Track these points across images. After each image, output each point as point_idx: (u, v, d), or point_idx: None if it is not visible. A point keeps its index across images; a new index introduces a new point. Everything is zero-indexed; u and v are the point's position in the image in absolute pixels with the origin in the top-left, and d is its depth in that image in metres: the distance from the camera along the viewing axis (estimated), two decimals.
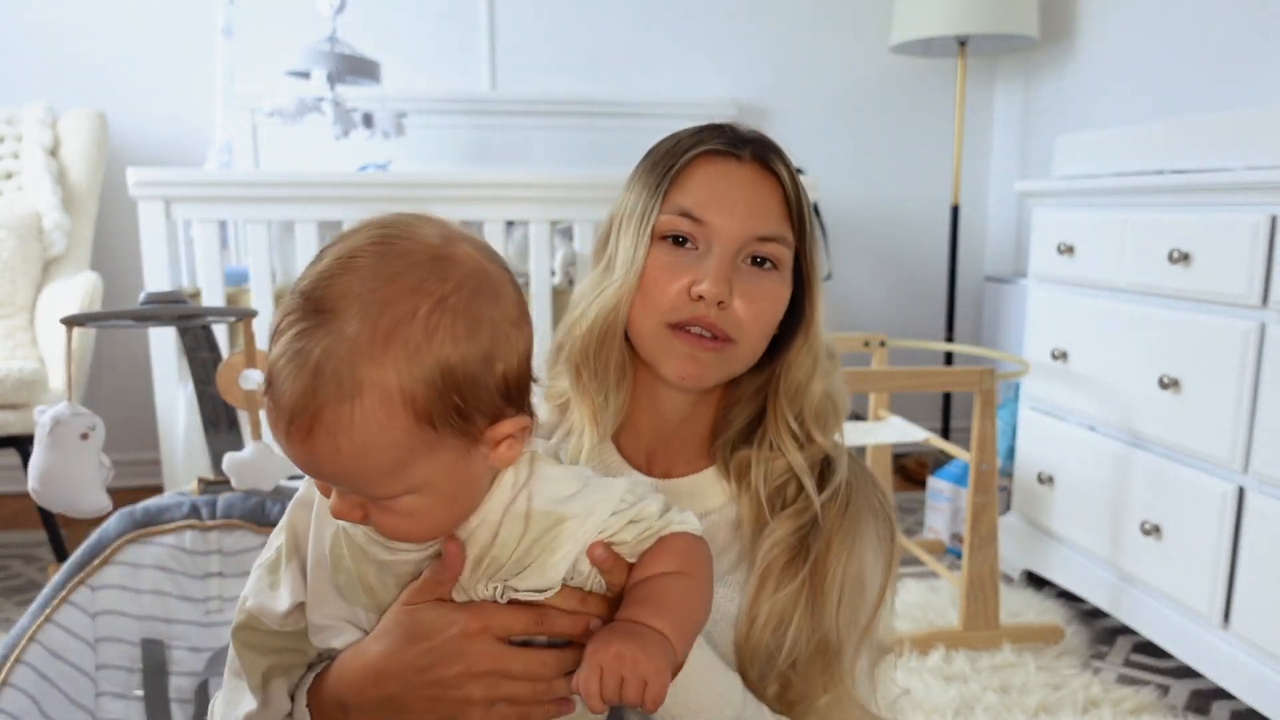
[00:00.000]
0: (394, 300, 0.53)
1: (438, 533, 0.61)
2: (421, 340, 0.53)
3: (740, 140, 0.78)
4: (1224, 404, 1.57)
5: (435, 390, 0.54)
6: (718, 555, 0.78)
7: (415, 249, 0.56)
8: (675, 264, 0.75)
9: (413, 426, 0.54)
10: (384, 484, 0.56)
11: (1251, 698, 1.53)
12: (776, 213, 0.77)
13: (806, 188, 0.80)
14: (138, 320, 1.06)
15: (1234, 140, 1.63)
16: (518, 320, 0.59)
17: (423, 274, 0.55)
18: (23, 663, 0.95)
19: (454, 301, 0.55)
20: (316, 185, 2.21)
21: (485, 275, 0.58)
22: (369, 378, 0.52)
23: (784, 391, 0.79)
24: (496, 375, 0.57)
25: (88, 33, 2.81)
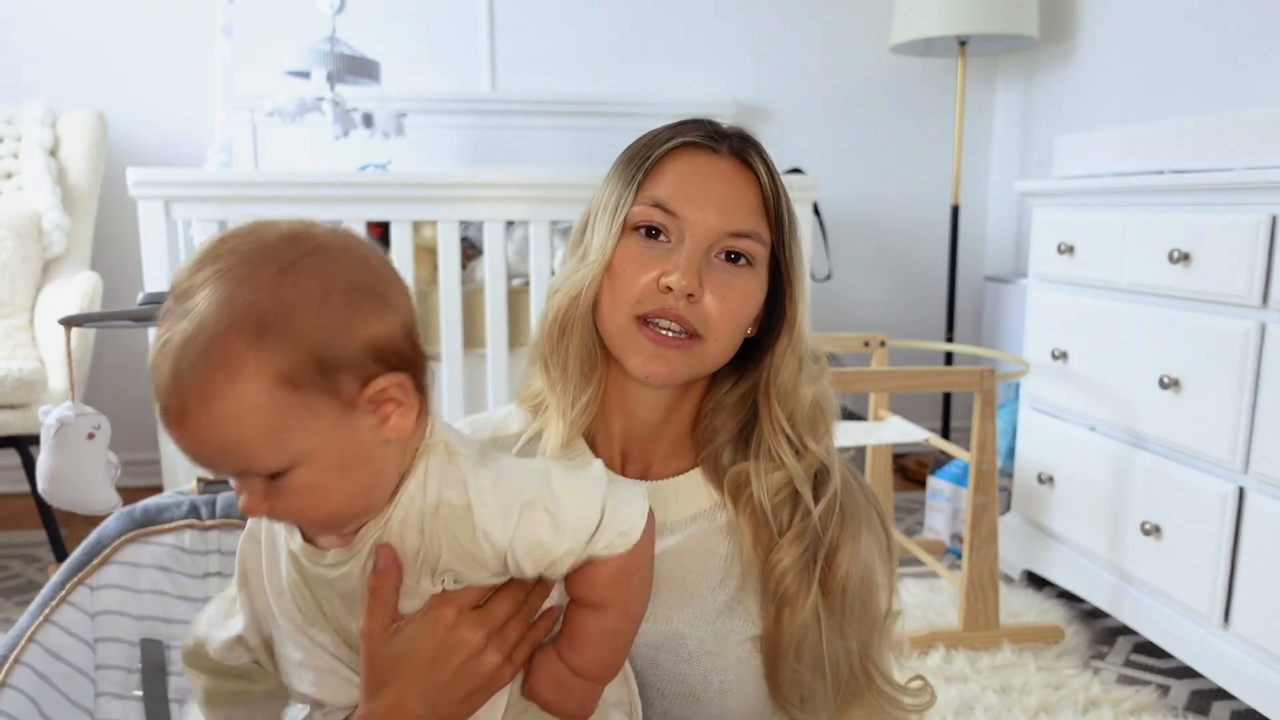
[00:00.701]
0: (245, 272, 0.54)
1: (345, 512, 0.61)
2: (266, 304, 0.54)
3: (719, 134, 0.77)
4: (1224, 404, 1.57)
5: (289, 353, 0.54)
6: (719, 567, 0.77)
7: (269, 232, 0.57)
8: (645, 256, 0.73)
9: (273, 390, 0.54)
10: (266, 456, 0.56)
11: (1251, 698, 1.53)
12: (752, 208, 0.75)
13: (807, 187, 0.80)
14: (136, 321, 1.06)
15: (1234, 140, 1.63)
16: (383, 291, 0.59)
17: (275, 247, 0.56)
18: (22, 663, 0.95)
19: (306, 263, 0.56)
20: (316, 185, 2.21)
21: (342, 246, 0.58)
22: (219, 347, 0.53)
23: (775, 397, 0.77)
24: (359, 338, 0.57)
25: (88, 33, 2.81)
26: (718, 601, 0.76)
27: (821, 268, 3.01)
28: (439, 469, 0.63)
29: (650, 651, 0.75)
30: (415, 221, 2.30)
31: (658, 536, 0.76)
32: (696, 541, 0.77)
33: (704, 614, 0.76)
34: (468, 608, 0.64)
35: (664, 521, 0.78)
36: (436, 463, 0.63)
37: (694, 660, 0.75)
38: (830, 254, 3.07)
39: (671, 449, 0.81)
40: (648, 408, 0.79)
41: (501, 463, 0.66)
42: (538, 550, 0.64)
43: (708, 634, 0.75)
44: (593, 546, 0.64)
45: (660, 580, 0.76)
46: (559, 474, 0.66)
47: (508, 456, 0.68)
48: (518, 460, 0.67)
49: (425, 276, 2.40)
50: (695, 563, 0.77)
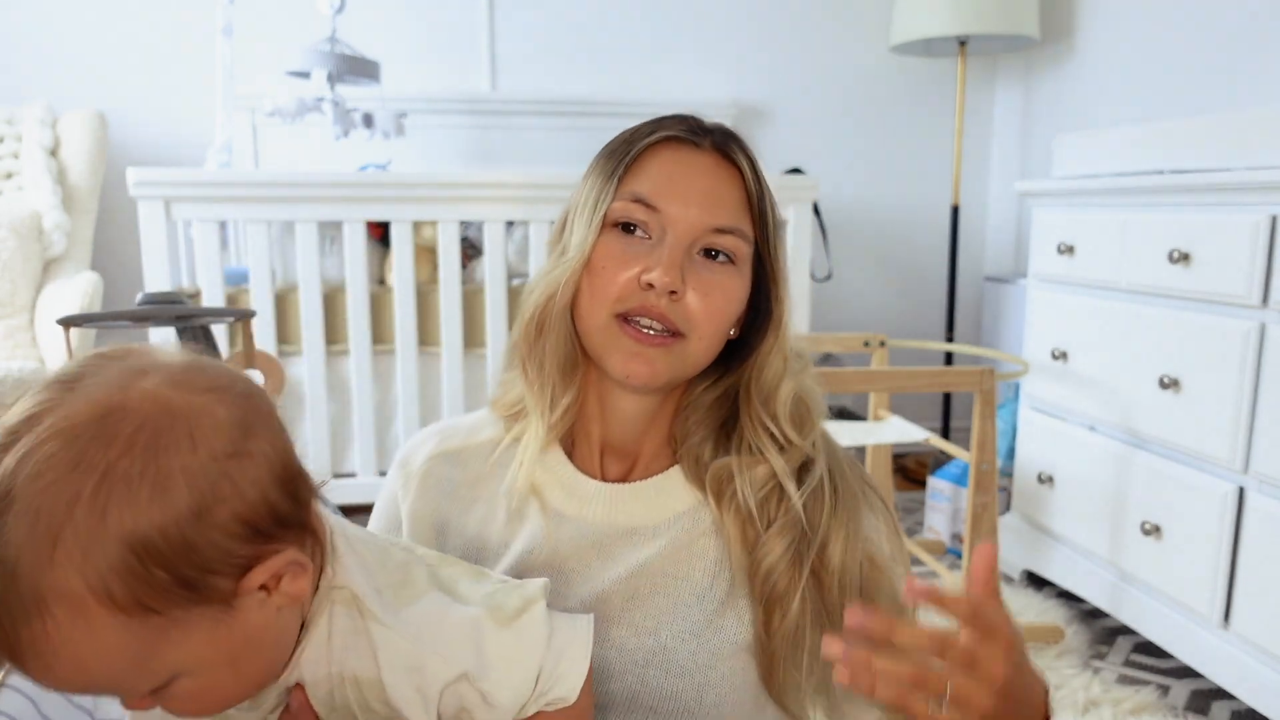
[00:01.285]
0: (53, 488, 0.45)
1: (246, 695, 0.55)
2: (94, 526, 0.45)
3: (701, 129, 0.75)
4: (1224, 404, 1.57)
5: (134, 575, 0.45)
6: (706, 572, 0.73)
7: (76, 412, 0.47)
8: (625, 252, 0.71)
9: (126, 622, 0.46)
10: (134, 682, 0.49)
11: (1251, 698, 1.53)
12: (735, 204, 0.73)
13: (807, 187, 0.79)
14: (135, 321, 1.06)
15: (1234, 140, 1.63)
16: (238, 447, 0.49)
17: (83, 444, 0.46)
18: None
19: (125, 466, 0.46)
20: (316, 185, 2.21)
21: (170, 415, 0.48)
22: (47, 586, 0.44)
23: (756, 394, 0.75)
24: (221, 524, 0.48)
25: (88, 33, 2.81)
26: (707, 609, 0.72)
27: (821, 268, 3.01)
28: (343, 627, 0.56)
29: (638, 670, 0.71)
30: (415, 221, 2.30)
31: (641, 542, 0.74)
32: (680, 545, 0.74)
33: (693, 625, 0.72)
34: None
35: (646, 525, 0.75)
36: (340, 619, 0.56)
37: (686, 674, 0.71)
38: (830, 254, 3.07)
39: (655, 453, 0.78)
40: (628, 413, 0.77)
41: (421, 608, 0.58)
42: (465, 716, 0.59)
43: (698, 646, 0.71)
44: (525, 712, 0.59)
45: (645, 592, 0.73)
46: (493, 633, 0.58)
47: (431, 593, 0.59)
48: (444, 605, 0.59)
49: (425, 276, 2.40)
50: (680, 568, 0.74)
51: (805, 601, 0.70)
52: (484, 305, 2.31)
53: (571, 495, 0.76)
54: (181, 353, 0.53)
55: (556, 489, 0.76)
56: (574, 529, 0.75)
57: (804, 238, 2.37)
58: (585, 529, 0.75)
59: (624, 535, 0.75)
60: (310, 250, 2.22)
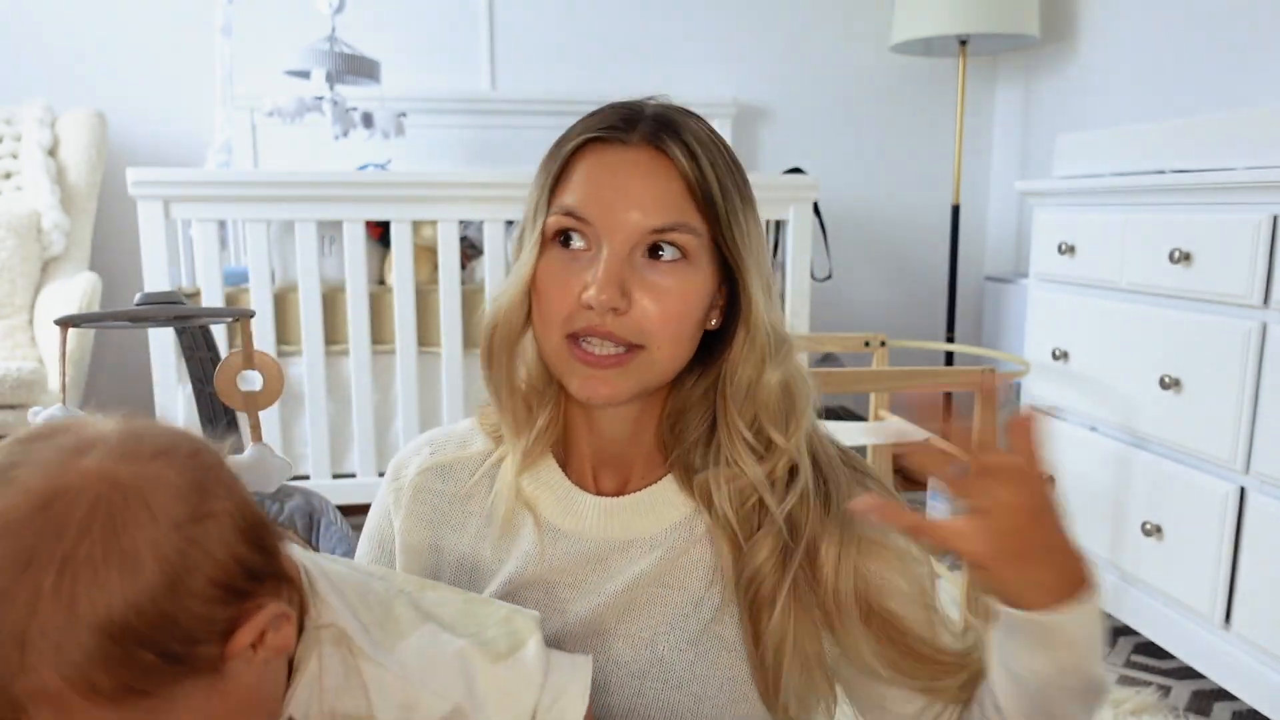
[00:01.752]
0: (9, 592, 0.42)
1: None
2: (61, 620, 0.42)
3: (630, 122, 0.69)
4: (1225, 404, 1.57)
5: (116, 661, 0.43)
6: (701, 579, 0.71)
7: (14, 506, 0.44)
8: (566, 269, 0.67)
9: (115, 711, 0.44)
10: None
11: (1252, 698, 1.53)
12: (674, 199, 0.66)
13: (807, 187, 0.75)
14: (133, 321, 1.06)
15: (1234, 140, 1.63)
16: (199, 509, 0.47)
17: (30, 538, 0.43)
18: None
19: (84, 551, 0.43)
20: (316, 185, 2.20)
21: (120, 489, 0.45)
22: (23, 691, 0.42)
23: (732, 398, 0.70)
24: (197, 592, 0.46)
25: (87, 33, 2.81)
26: (703, 618, 0.70)
27: (821, 268, 3.01)
28: (334, 666, 0.54)
29: (635, 682, 0.70)
30: (415, 221, 2.30)
31: (638, 554, 0.72)
32: (676, 554, 0.72)
33: (689, 634, 0.70)
34: None
35: (642, 537, 0.73)
36: (330, 658, 0.54)
37: (683, 685, 0.69)
38: (830, 254, 3.07)
39: (647, 460, 0.75)
40: (613, 424, 0.73)
41: (412, 643, 0.57)
42: None
43: (695, 656, 0.70)
44: None
45: (641, 603, 0.71)
46: (486, 668, 0.57)
47: (423, 625, 0.58)
48: (434, 638, 0.57)
49: (425, 276, 2.39)
50: (676, 578, 0.71)
51: (791, 607, 0.68)
52: (484, 305, 2.31)
53: (567, 510, 0.74)
54: (110, 420, 0.50)
55: (551, 503, 0.74)
56: (569, 544, 0.73)
57: (804, 238, 2.36)
58: (581, 544, 0.73)
59: (620, 548, 0.72)
60: (310, 250, 2.21)
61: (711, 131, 0.72)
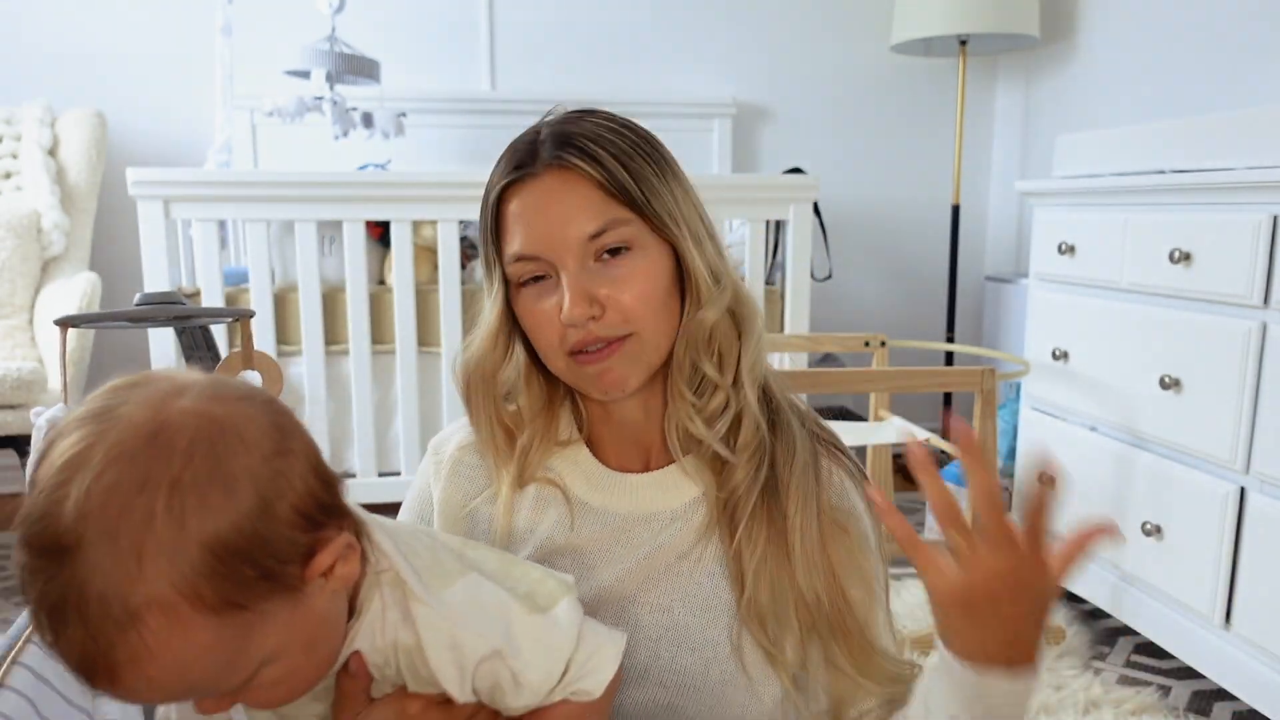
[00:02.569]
0: (126, 510, 0.47)
1: (320, 677, 0.60)
2: (174, 534, 0.48)
3: (531, 154, 0.74)
4: (1225, 404, 1.57)
5: (220, 575, 0.49)
6: (698, 542, 0.77)
7: (124, 438, 0.49)
8: (540, 302, 0.74)
9: (218, 620, 0.49)
10: (228, 677, 0.53)
11: (1253, 698, 1.53)
12: (594, 205, 0.72)
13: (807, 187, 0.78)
14: (133, 321, 1.06)
15: (1234, 140, 1.63)
16: (282, 445, 0.54)
17: (143, 464, 0.49)
18: (19, 664, 0.95)
19: (190, 476, 0.49)
20: (316, 185, 2.20)
21: (216, 424, 0.51)
22: (139, 600, 0.47)
23: (674, 360, 0.76)
24: (283, 517, 0.52)
25: (87, 33, 2.81)
26: (717, 585, 0.77)
27: (821, 268, 3.01)
28: (392, 604, 0.61)
29: (651, 644, 0.76)
30: (415, 221, 2.30)
31: (659, 527, 0.78)
32: (693, 526, 0.78)
33: (701, 600, 0.76)
34: (434, 703, 0.63)
35: (663, 510, 0.79)
36: (390, 597, 0.61)
37: (695, 649, 0.75)
38: (830, 254, 3.07)
39: (664, 440, 0.81)
40: (628, 412, 0.80)
41: (458, 589, 0.62)
42: (496, 693, 0.63)
43: (709, 621, 0.76)
44: (551, 697, 0.63)
45: (660, 572, 0.77)
46: (523, 617, 0.63)
47: (467, 574, 0.64)
48: (478, 586, 0.64)
49: (425, 276, 2.39)
50: (693, 548, 0.78)
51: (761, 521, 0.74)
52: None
53: (595, 487, 0.81)
54: (195, 372, 0.56)
55: (581, 482, 0.81)
56: (596, 517, 0.80)
57: (804, 238, 2.36)
58: (607, 517, 0.79)
59: (643, 521, 0.79)
60: (310, 250, 2.21)
61: (611, 120, 0.76)
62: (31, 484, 0.50)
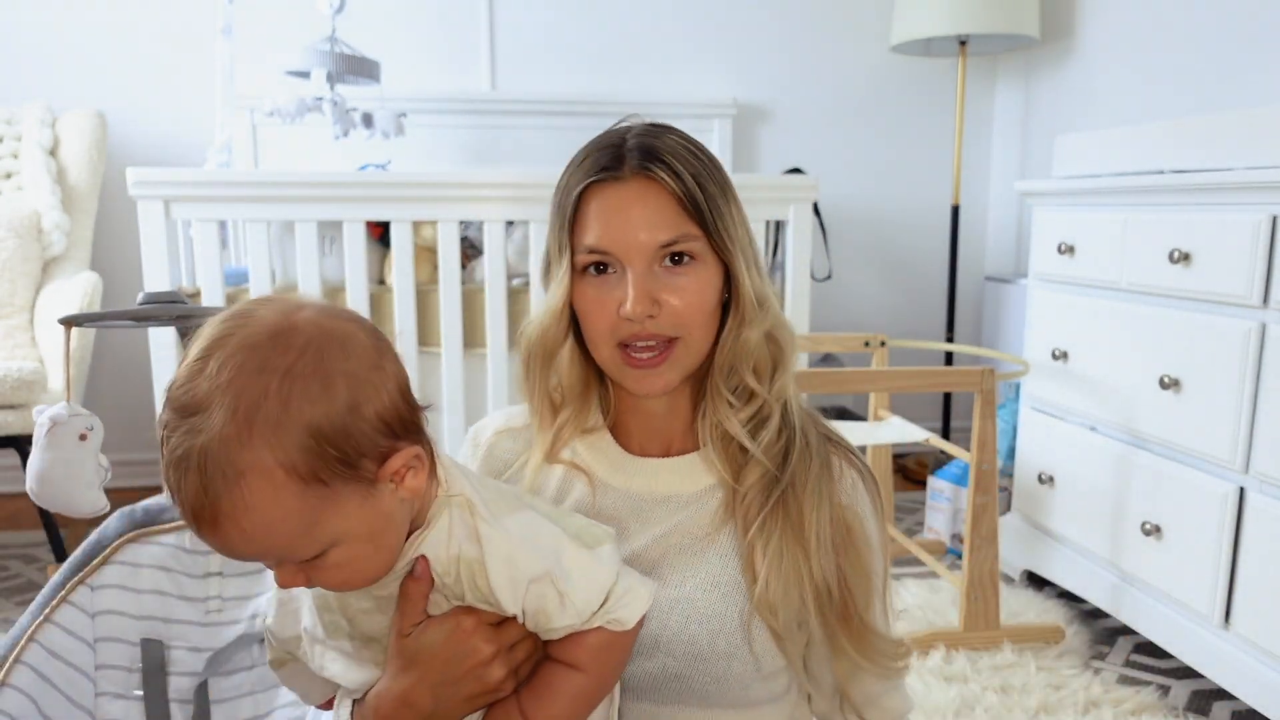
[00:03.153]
0: (246, 385, 0.57)
1: (377, 574, 0.67)
2: (280, 412, 0.57)
3: (618, 159, 0.81)
4: (1225, 404, 1.57)
5: (311, 452, 0.58)
6: (711, 524, 0.84)
7: (254, 332, 0.59)
8: (600, 292, 0.81)
9: (304, 490, 0.58)
10: (303, 546, 0.61)
11: (1252, 698, 1.53)
12: (671, 216, 0.80)
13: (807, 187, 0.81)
14: (136, 320, 1.06)
15: (1234, 140, 1.63)
16: (377, 362, 0.63)
17: (265, 352, 0.59)
18: (22, 663, 0.95)
19: (300, 366, 0.59)
20: (316, 185, 2.21)
21: (327, 334, 0.61)
22: (246, 461, 0.56)
23: (718, 365, 0.83)
24: (368, 418, 0.61)
25: (88, 33, 2.81)
26: (728, 566, 0.82)
27: (821, 268, 3.01)
28: (460, 522, 0.69)
29: (662, 615, 0.81)
30: (415, 221, 2.30)
31: (676, 508, 0.85)
32: (705, 511, 0.84)
33: (714, 577, 0.82)
34: (486, 622, 0.70)
35: (680, 493, 0.86)
36: (458, 516, 0.69)
37: (704, 621, 0.81)
38: (830, 254, 3.07)
39: (685, 431, 0.88)
40: (655, 404, 0.87)
41: (517, 519, 0.70)
42: (540, 616, 0.70)
43: (718, 596, 0.81)
44: (591, 623, 0.70)
45: (675, 549, 0.83)
46: (571, 549, 0.70)
47: (525, 510, 0.72)
48: (534, 520, 0.72)
49: (425, 276, 2.40)
50: (706, 530, 0.84)
51: (776, 521, 0.80)
52: (484, 305, 2.31)
53: (617, 469, 0.88)
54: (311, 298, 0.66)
55: (605, 465, 0.88)
56: (616, 495, 0.87)
57: (804, 238, 2.36)
58: (627, 496, 0.86)
59: (660, 502, 0.86)
60: (310, 250, 2.22)
61: (687, 140, 0.83)
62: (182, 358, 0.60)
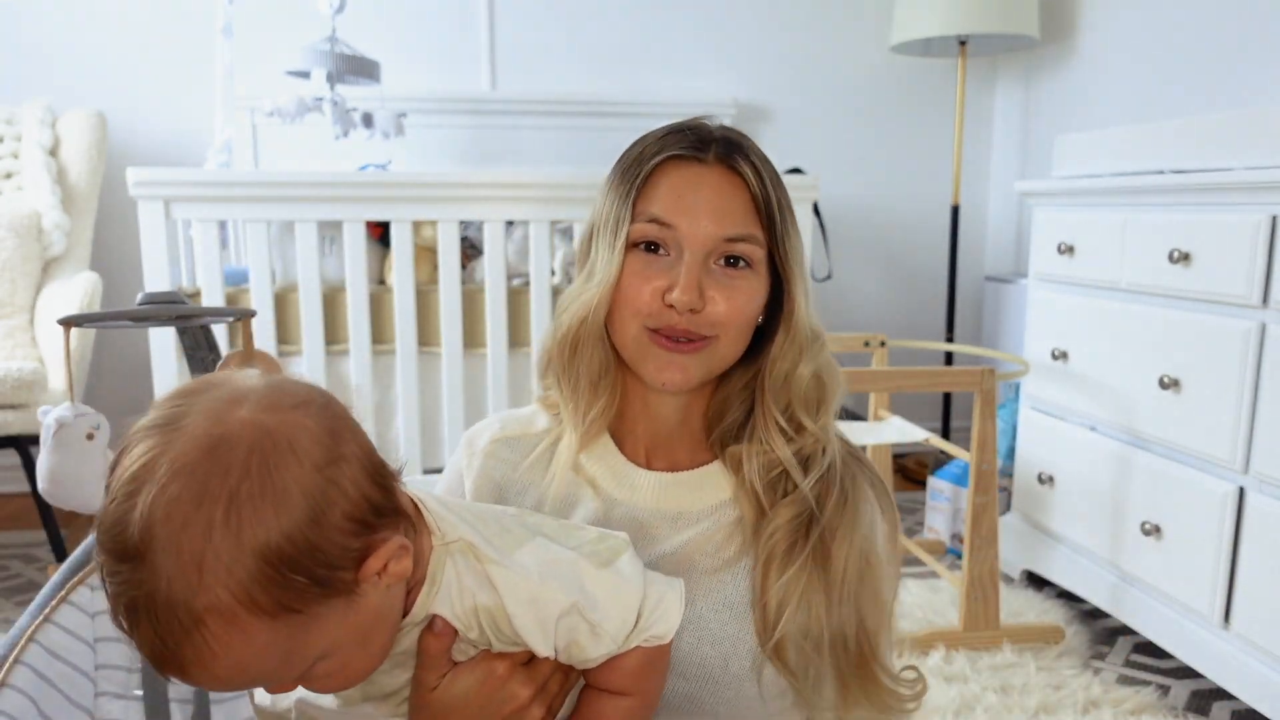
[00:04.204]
0: (186, 523, 0.51)
1: (377, 665, 0.62)
2: (231, 547, 0.51)
3: (704, 142, 0.78)
4: (1224, 404, 1.57)
5: (275, 583, 0.52)
6: (724, 543, 0.80)
7: (184, 451, 0.52)
8: (648, 270, 0.77)
9: (273, 623, 0.53)
10: (285, 672, 0.56)
11: (1252, 698, 1.53)
12: (743, 213, 0.77)
13: (807, 187, 0.81)
14: (135, 321, 1.06)
15: (1234, 140, 1.63)
16: (334, 454, 0.56)
17: (202, 477, 0.52)
18: (21, 663, 0.95)
19: (245, 488, 0.52)
20: (316, 185, 2.21)
21: (270, 437, 0.54)
22: (201, 606, 0.51)
23: (770, 387, 0.80)
24: (335, 524, 0.54)
25: (88, 33, 2.81)
26: (740, 586, 0.79)
27: (821, 268, 3.01)
28: (468, 569, 0.64)
29: (674, 636, 0.76)
30: (415, 221, 2.30)
31: (685, 525, 0.81)
32: (718, 529, 0.81)
33: (726, 598, 0.78)
34: (518, 663, 0.66)
35: (690, 510, 0.82)
36: (464, 564, 0.64)
37: (716, 643, 0.77)
38: (830, 254, 3.07)
39: (693, 444, 0.85)
40: (667, 409, 0.83)
41: (529, 551, 0.66)
42: (574, 649, 0.66)
43: (729, 618, 0.78)
44: (629, 644, 0.66)
45: (685, 567, 0.79)
46: (592, 572, 0.67)
47: (535, 538, 0.68)
48: (547, 547, 0.67)
49: (425, 276, 2.40)
50: (717, 548, 0.80)
51: (805, 570, 0.76)
52: (484, 305, 2.31)
53: (622, 483, 0.83)
54: (256, 376, 0.59)
55: (608, 477, 0.83)
56: (624, 511, 0.82)
57: (804, 238, 2.36)
58: (635, 512, 0.82)
59: (670, 519, 0.81)
60: (310, 250, 2.22)
61: (764, 154, 0.81)
62: (106, 489, 0.54)
